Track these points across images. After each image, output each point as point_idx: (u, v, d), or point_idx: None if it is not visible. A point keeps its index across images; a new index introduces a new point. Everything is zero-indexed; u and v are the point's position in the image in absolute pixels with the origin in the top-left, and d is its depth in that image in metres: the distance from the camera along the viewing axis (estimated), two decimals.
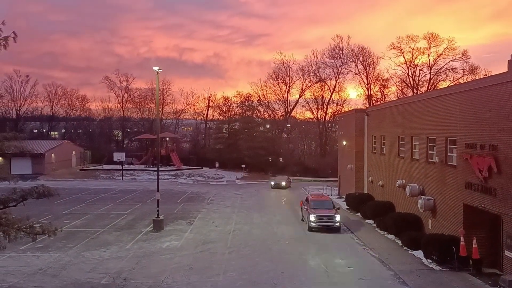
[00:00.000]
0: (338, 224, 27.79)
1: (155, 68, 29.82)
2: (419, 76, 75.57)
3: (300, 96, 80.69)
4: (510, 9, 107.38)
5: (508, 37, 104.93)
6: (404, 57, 74.65)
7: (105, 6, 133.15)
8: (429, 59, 73.71)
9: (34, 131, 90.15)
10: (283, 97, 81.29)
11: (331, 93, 78.57)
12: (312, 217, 27.62)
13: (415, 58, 74.36)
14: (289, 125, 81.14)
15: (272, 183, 52.77)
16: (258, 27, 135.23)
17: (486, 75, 61.13)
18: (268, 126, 79.79)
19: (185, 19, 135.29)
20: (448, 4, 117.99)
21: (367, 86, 78.04)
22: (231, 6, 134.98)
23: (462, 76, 71.30)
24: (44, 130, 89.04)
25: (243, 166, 65.03)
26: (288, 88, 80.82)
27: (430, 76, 74.26)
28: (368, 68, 77.82)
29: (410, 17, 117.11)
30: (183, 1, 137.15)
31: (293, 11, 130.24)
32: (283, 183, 52.17)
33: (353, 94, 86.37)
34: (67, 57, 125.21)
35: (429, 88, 71.49)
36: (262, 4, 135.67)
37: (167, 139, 75.19)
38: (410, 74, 75.64)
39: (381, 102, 72.51)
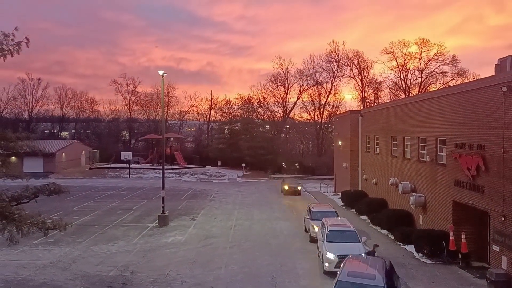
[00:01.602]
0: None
1: (160, 72, 29.87)
2: (410, 79, 75.91)
3: (298, 99, 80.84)
4: (462, 26, 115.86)
5: (465, 49, 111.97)
6: (396, 61, 74.98)
7: (106, 23, 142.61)
8: (420, 63, 73.99)
9: (46, 131, 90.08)
10: (281, 99, 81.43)
11: (327, 96, 78.77)
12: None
13: (407, 62, 74.65)
14: (287, 126, 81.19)
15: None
16: (241, 41, 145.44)
17: (474, 78, 61.26)
18: (268, 127, 79.82)
19: (176, 35, 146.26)
20: (408, 23, 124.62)
21: (361, 89, 78.17)
22: (214, 24, 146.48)
23: (452, 80, 71.49)
24: (55, 131, 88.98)
25: (243, 165, 64.98)
26: (286, 90, 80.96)
27: (421, 79, 74.41)
28: (362, 72, 77.99)
29: (373, 35, 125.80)
30: (172, 20, 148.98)
31: (269, 28, 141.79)
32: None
33: (348, 96, 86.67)
34: (74, 65, 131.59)
35: (420, 91, 71.51)
36: (240, 23, 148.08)
37: (172, 139, 75.13)
38: (402, 77, 75.86)
39: (375, 104, 72.50)
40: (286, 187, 44.22)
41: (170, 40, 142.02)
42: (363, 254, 16.56)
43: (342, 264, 14.31)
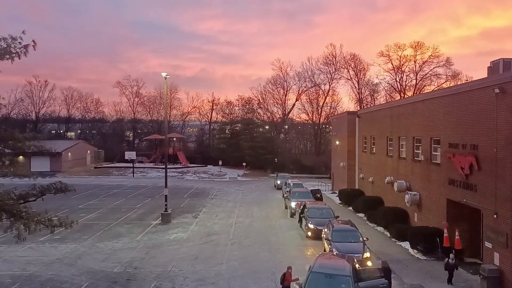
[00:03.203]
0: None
1: (164, 74, 29.85)
2: (406, 81, 75.85)
3: (296, 100, 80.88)
4: (432, 35, 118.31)
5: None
6: (392, 64, 74.98)
7: (104, 34, 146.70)
8: (415, 66, 73.97)
9: (52, 132, 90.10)
10: (281, 100, 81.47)
11: (325, 97, 78.81)
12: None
13: (402, 64, 74.60)
14: (286, 127, 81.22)
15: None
16: (228, 51, 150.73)
17: (467, 80, 61.21)
18: (267, 127, 79.84)
19: (167, 45, 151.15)
20: (384, 35, 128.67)
21: (358, 91, 78.17)
22: (200, 37, 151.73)
23: (446, 81, 71.46)
24: (61, 131, 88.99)
25: (244, 164, 64.96)
26: (285, 92, 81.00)
27: (416, 81, 74.41)
28: (359, 74, 78.04)
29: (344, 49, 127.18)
30: (160, 34, 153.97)
31: (251, 40, 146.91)
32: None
33: (345, 97, 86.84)
34: (79, 71, 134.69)
35: (415, 92, 71.47)
36: (224, 37, 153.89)
37: (175, 139, 75.12)
38: (397, 79, 75.84)
39: (371, 105, 72.45)
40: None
41: (162, 50, 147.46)
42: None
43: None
